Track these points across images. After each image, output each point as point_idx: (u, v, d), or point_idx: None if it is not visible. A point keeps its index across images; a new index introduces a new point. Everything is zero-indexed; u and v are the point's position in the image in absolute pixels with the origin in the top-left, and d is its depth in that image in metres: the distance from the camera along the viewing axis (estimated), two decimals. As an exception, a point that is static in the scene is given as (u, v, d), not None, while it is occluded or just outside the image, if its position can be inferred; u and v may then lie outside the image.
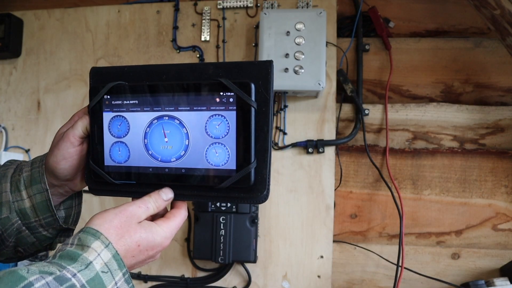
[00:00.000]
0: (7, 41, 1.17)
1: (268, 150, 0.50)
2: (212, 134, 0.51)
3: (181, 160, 0.52)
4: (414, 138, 1.08)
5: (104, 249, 0.44)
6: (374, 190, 1.08)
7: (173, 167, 0.52)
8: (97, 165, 0.55)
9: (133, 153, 0.54)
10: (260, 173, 0.50)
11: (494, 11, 1.00)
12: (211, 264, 1.06)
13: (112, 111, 0.55)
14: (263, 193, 0.50)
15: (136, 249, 0.48)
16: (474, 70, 1.09)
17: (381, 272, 1.05)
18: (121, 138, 0.55)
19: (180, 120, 0.52)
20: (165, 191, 0.53)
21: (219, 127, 0.51)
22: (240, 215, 0.98)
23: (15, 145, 1.18)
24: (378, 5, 1.11)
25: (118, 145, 0.55)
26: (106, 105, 0.55)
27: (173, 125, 0.52)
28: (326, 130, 1.06)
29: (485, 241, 1.04)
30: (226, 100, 0.50)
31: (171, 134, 0.52)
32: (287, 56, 0.99)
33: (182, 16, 1.15)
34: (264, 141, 0.50)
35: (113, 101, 0.54)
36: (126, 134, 0.54)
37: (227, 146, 0.50)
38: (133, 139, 0.54)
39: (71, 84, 1.18)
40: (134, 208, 0.50)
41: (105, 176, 0.55)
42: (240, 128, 0.50)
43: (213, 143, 0.51)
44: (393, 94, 1.11)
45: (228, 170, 0.50)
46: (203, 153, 0.51)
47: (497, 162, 1.05)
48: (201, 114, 0.51)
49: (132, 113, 0.54)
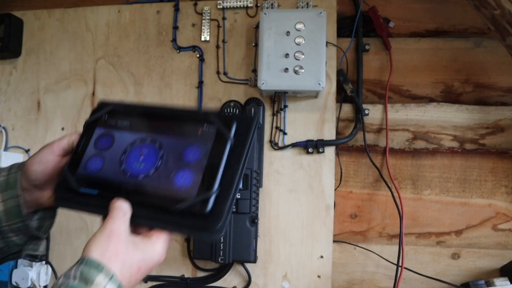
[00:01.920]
0: (7, 41, 1.16)
1: (233, 187, 0.50)
2: (185, 160, 0.53)
3: (147, 179, 0.53)
4: (414, 138, 1.08)
5: (109, 282, 0.44)
6: (374, 190, 1.08)
7: (137, 183, 0.53)
8: (70, 171, 0.57)
9: (107, 165, 0.56)
10: (220, 205, 0.50)
11: (494, 11, 1.00)
12: (211, 264, 1.06)
13: (104, 128, 0.58)
14: (218, 225, 0.49)
15: (137, 273, 0.49)
16: (474, 70, 1.09)
17: (381, 272, 1.05)
18: (101, 151, 0.57)
19: (161, 143, 0.55)
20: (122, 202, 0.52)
21: (193, 154, 0.53)
22: (240, 215, 0.98)
23: (15, 145, 1.18)
24: (378, 5, 1.11)
25: (96, 157, 0.57)
26: (102, 122, 0.59)
27: (152, 147, 0.55)
28: (326, 130, 1.06)
29: (485, 241, 1.04)
30: (207, 132, 0.53)
31: (147, 154, 0.55)
32: (287, 56, 0.99)
33: (182, 16, 1.15)
34: (232, 176, 0.51)
35: (108, 121, 0.59)
36: (108, 148, 0.57)
37: (195, 172, 0.52)
38: (112, 154, 0.56)
39: (71, 84, 1.18)
40: (119, 225, 0.49)
41: (72, 180, 0.56)
42: (212, 157, 0.52)
43: (183, 168, 0.52)
44: (393, 94, 1.11)
45: (189, 192, 0.51)
46: (171, 175, 0.52)
47: (497, 162, 1.05)
48: (182, 141, 0.54)
49: (121, 132, 0.57)
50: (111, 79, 1.17)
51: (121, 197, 0.52)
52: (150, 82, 1.15)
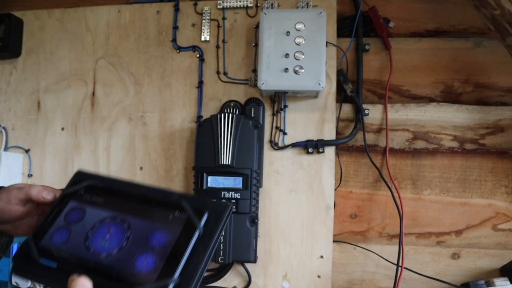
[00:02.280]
0: (7, 41, 1.17)
1: (195, 277, 0.49)
2: (150, 244, 0.52)
3: (110, 258, 0.52)
4: (414, 138, 1.08)
5: None
6: (374, 190, 1.08)
7: (99, 261, 0.53)
8: (34, 240, 0.57)
9: (72, 239, 0.56)
10: None
11: (494, 11, 1.00)
12: (211, 264, 1.06)
13: (78, 201, 0.59)
14: None
15: None
16: (474, 70, 1.09)
17: (381, 272, 1.05)
18: (70, 224, 0.57)
19: (129, 224, 0.55)
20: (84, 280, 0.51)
21: (160, 239, 0.52)
22: (240, 215, 0.98)
23: (15, 145, 1.18)
24: (378, 5, 1.11)
25: (63, 229, 0.57)
26: (76, 196, 0.59)
27: (120, 227, 0.55)
28: (326, 130, 1.06)
29: (485, 241, 1.04)
30: (178, 218, 0.53)
31: (114, 232, 0.55)
32: (287, 56, 0.99)
33: (182, 16, 1.15)
34: (195, 266, 0.50)
35: (84, 195, 0.59)
36: (77, 222, 0.57)
37: (158, 257, 0.51)
38: (79, 228, 0.56)
39: (71, 84, 1.18)
40: None
41: (34, 249, 0.55)
42: (178, 244, 0.51)
43: (147, 251, 0.52)
44: (393, 94, 1.11)
45: (149, 277, 0.50)
46: (133, 257, 0.52)
47: (497, 162, 1.05)
48: (151, 224, 0.54)
49: (93, 207, 0.58)
50: (111, 79, 1.17)
51: (83, 274, 0.50)
52: (150, 82, 1.15)
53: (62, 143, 1.17)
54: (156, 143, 1.12)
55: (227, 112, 1.04)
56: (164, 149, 1.12)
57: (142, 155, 1.12)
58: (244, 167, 0.98)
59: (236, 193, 0.98)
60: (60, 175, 1.16)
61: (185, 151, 1.10)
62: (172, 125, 1.12)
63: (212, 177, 1.00)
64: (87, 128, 1.16)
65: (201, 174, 0.99)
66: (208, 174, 1.00)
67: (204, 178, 0.99)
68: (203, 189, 0.99)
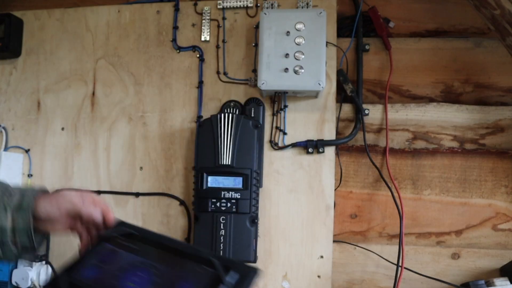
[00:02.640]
0: (7, 41, 1.17)
1: None
2: None
3: None
4: (414, 138, 1.08)
5: None
6: (374, 190, 1.08)
7: None
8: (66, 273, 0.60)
9: (101, 277, 0.59)
10: None
11: (494, 11, 1.00)
12: (211, 264, 1.06)
13: (113, 245, 0.63)
14: None
15: None
16: (474, 70, 1.09)
17: (381, 272, 1.05)
18: (102, 263, 0.61)
19: (158, 271, 0.58)
20: None
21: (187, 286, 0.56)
22: (240, 215, 0.98)
23: (15, 145, 1.18)
24: (378, 5, 1.11)
25: (95, 267, 0.61)
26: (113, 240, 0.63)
27: (148, 272, 0.58)
28: (326, 130, 1.06)
29: (485, 241, 1.04)
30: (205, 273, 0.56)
31: (141, 277, 0.58)
32: (287, 56, 0.99)
33: (182, 16, 1.15)
34: None
35: (120, 240, 0.63)
36: (109, 263, 0.61)
37: None
38: (110, 268, 0.60)
39: (71, 84, 1.18)
40: None
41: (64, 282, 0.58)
42: None
43: None
44: (393, 94, 1.11)
45: None
46: None
47: (497, 162, 1.05)
48: (179, 274, 0.57)
49: (127, 252, 0.62)
50: (111, 79, 1.17)
51: None
52: (150, 82, 1.15)
53: (62, 143, 1.17)
54: (156, 143, 1.12)
55: (227, 112, 1.04)
56: (164, 149, 1.12)
57: (142, 155, 1.12)
58: (244, 167, 0.98)
59: (236, 193, 0.98)
60: (60, 175, 1.16)
61: (185, 151, 1.10)
62: (172, 125, 1.12)
63: (212, 177, 1.00)
64: (87, 128, 1.16)
65: (201, 174, 1.00)
66: (208, 174, 1.00)
67: (204, 178, 0.99)
68: (203, 189, 0.99)
